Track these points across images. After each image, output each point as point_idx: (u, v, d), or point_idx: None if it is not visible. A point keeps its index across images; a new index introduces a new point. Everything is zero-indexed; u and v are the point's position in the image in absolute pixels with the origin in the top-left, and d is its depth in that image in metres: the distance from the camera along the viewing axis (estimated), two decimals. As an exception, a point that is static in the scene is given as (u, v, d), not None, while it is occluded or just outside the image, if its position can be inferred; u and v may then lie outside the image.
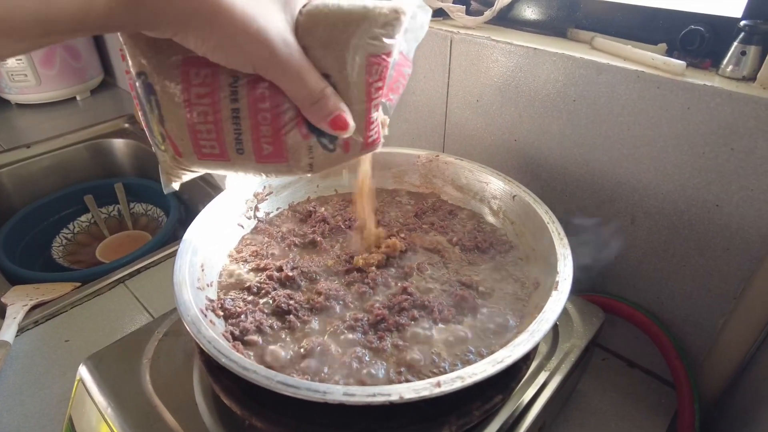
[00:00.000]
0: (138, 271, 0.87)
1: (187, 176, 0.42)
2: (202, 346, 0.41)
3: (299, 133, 0.37)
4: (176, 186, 0.43)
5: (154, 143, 0.40)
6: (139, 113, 0.39)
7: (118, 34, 0.35)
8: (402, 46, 0.37)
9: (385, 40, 0.34)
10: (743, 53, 0.54)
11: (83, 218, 1.20)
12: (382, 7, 0.34)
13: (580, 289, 0.71)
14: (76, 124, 1.33)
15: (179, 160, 0.39)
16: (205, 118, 0.36)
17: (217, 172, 0.40)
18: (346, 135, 0.37)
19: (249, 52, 0.32)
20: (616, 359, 0.72)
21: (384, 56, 0.35)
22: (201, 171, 0.41)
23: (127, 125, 1.36)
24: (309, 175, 0.41)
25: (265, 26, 0.31)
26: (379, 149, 0.41)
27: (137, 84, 0.36)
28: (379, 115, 0.39)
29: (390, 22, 0.34)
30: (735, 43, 0.55)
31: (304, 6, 0.35)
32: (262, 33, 0.31)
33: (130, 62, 0.36)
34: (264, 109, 0.35)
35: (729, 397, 0.64)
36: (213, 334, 0.42)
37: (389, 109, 0.41)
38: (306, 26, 0.34)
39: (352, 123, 0.36)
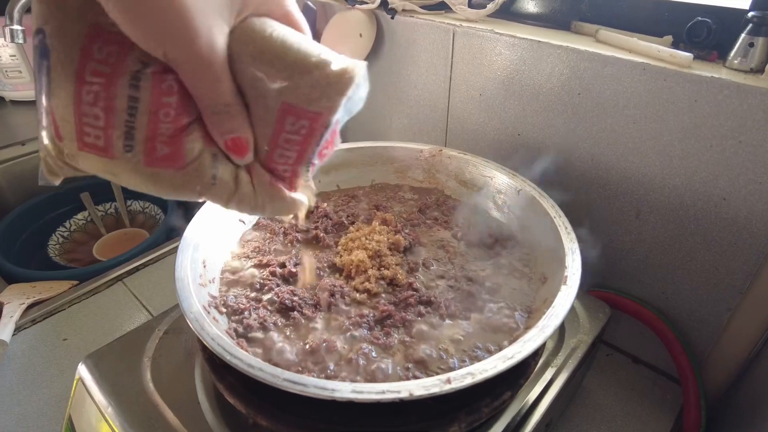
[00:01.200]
0: (136, 269, 0.85)
1: (67, 171, 0.35)
2: (206, 343, 0.40)
3: (202, 135, 0.31)
4: (56, 182, 0.36)
5: (39, 119, 0.33)
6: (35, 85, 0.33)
7: None
8: (340, 113, 0.32)
9: (325, 100, 0.30)
10: (751, 45, 0.53)
11: (80, 216, 1.19)
12: (334, 62, 0.30)
13: (585, 285, 0.71)
14: (71, 121, 1.31)
15: (58, 145, 0.32)
16: (96, 101, 0.30)
17: (95, 172, 0.33)
18: (242, 162, 0.33)
19: (167, 33, 0.27)
20: (621, 355, 0.72)
21: (316, 114, 0.31)
22: (80, 167, 0.34)
23: (123, 122, 1.34)
24: (204, 199, 0.34)
25: (196, 12, 0.27)
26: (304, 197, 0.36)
27: (34, 43, 0.30)
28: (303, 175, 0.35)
29: (339, 82, 0.30)
30: (743, 35, 0.54)
31: (249, 16, 0.31)
32: (189, 16, 0.27)
33: (33, 14, 0.30)
34: (168, 104, 0.30)
35: (735, 392, 0.63)
36: (217, 331, 0.41)
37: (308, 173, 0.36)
38: (242, 38, 0.30)
39: (250, 153, 0.32)
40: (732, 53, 0.55)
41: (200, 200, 0.34)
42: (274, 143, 0.32)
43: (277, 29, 0.30)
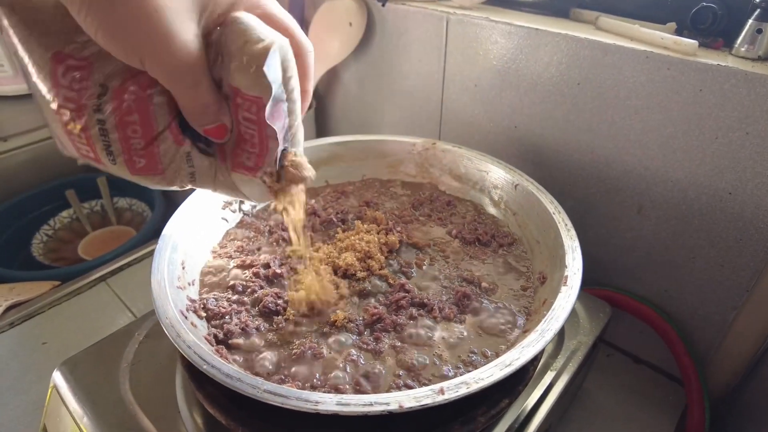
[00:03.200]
0: (120, 269, 0.82)
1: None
2: (181, 351, 0.37)
3: (173, 139, 0.34)
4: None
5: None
6: None
7: None
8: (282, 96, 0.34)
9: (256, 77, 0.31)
10: (759, 31, 0.51)
11: (64, 214, 1.15)
12: (260, 39, 0.31)
13: (584, 282, 0.69)
14: (56, 116, 1.28)
15: (64, 150, 0.35)
16: (74, 123, 0.32)
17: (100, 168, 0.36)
18: (220, 142, 0.35)
19: (142, 44, 0.27)
20: (622, 355, 0.70)
21: (256, 97, 0.32)
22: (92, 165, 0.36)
23: (109, 117, 1.31)
24: (194, 188, 0.37)
25: (168, 21, 0.27)
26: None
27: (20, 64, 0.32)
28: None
29: (258, 54, 0.31)
30: (750, 21, 0.51)
31: (225, 14, 0.31)
32: (162, 26, 0.27)
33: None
34: (133, 121, 0.32)
35: (740, 392, 0.61)
36: (193, 338, 0.38)
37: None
38: (222, 37, 0.31)
39: (227, 136, 0.34)
40: (739, 40, 0.52)
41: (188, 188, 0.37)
42: (237, 124, 0.34)
43: (245, 19, 0.31)
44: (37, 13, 0.30)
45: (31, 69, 0.31)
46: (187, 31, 0.28)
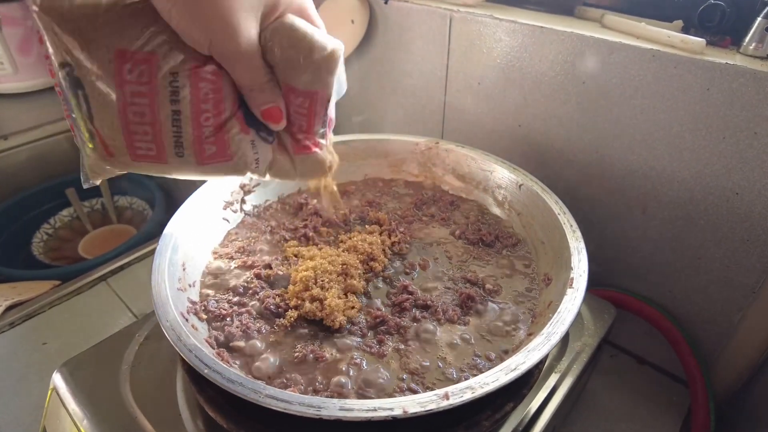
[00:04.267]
0: (121, 268, 0.82)
1: (111, 172, 0.39)
2: (182, 354, 0.37)
3: (239, 128, 0.36)
4: (98, 181, 0.40)
5: (79, 139, 0.36)
6: (62, 105, 0.35)
7: (35, 16, 0.32)
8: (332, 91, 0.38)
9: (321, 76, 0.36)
10: (768, 29, 0.50)
11: (65, 212, 1.15)
12: (329, 45, 0.36)
13: (588, 283, 0.68)
14: (56, 115, 1.27)
15: (109, 160, 0.36)
16: (142, 118, 0.33)
17: (150, 173, 0.37)
18: (277, 128, 0.38)
19: (214, 27, 0.32)
20: (626, 356, 0.69)
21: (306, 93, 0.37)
22: (134, 171, 0.38)
23: (110, 115, 1.30)
24: (256, 175, 0.40)
25: (237, 14, 0.32)
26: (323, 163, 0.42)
27: (60, 74, 0.33)
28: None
29: (328, 58, 0.36)
30: (759, 19, 0.51)
31: (279, 16, 0.35)
32: (233, 17, 0.32)
33: (50, 50, 0.32)
34: (207, 109, 0.34)
35: (746, 394, 0.61)
36: (194, 341, 0.38)
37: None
38: (275, 32, 0.34)
39: (283, 120, 0.37)
40: (747, 39, 0.51)
41: (246, 175, 0.40)
42: (289, 115, 0.38)
43: (300, 25, 0.35)
44: (92, 18, 0.31)
45: (91, 75, 0.32)
46: (250, 26, 0.33)
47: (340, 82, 0.39)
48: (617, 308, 0.59)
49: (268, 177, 0.41)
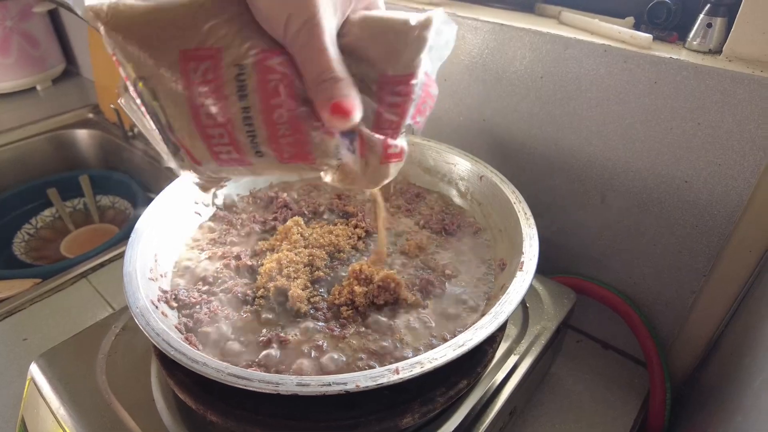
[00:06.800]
0: (101, 265, 0.83)
1: (216, 181, 0.38)
2: (150, 338, 0.38)
3: (322, 131, 0.33)
4: (211, 191, 0.40)
5: (168, 153, 0.35)
6: (144, 125, 0.34)
7: (104, 39, 0.31)
8: (427, 65, 0.34)
9: (408, 59, 0.33)
10: (709, 26, 0.53)
11: (47, 212, 1.16)
12: (413, 19, 0.33)
13: (551, 271, 0.71)
14: (36, 115, 1.28)
15: (200, 169, 0.35)
16: (214, 120, 0.32)
17: (242, 176, 0.36)
18: (347, 124, 0.33)
19: (293, 6, 0.30)
20: (591, 341, 0.72)
21: (404, 77, 0.33)
22: (232, 176, 0.37)
23: (91, 115, 1.31)
24: (341, 185, 0.38)
25: (325, 5, 0.30)
26: (399, 166, 0.38)
27: (138, 90, 0.32)
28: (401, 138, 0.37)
29: (419, 36, 0.32)
30: (701, 16, 0.53)
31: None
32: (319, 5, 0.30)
33: (125, 67, 0.32)
34: (278, 105, 0.31)
35: (700, 374, 0.64)
36: (162, 326, 0.39)
37: (416, 132, 0.39)
38: (356, 26, 0.33)
39: (356, 113, 0.32)
40: (691, 34, 0.54)
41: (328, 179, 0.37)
42: (379, 112, 0.34)
43: (378, 14, 0.34)
44: (153, 24, 0.31)
45: (160, 84, 0.31)
46: (331, 19, 0.31)
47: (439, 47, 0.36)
48: (580, 295, 0.61)
49: (329, 179, 0.38)
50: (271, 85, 0.31)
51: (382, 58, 0.33)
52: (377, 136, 0.35)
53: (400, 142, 0.36)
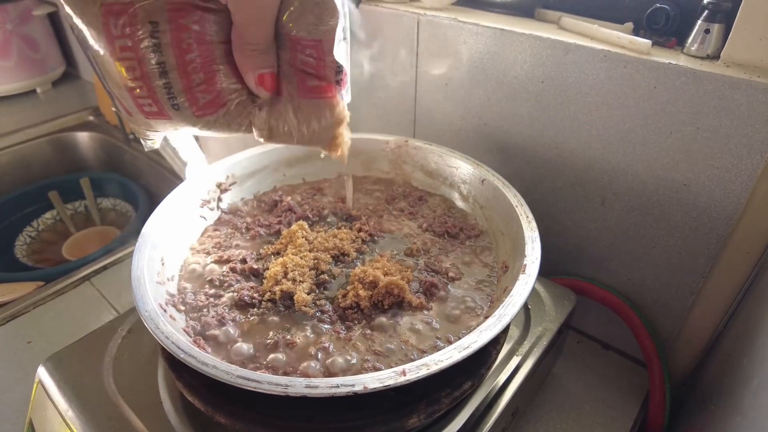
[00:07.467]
0: (104, 268, 0.84)
1: (157, 133, 0.39)
2: (159, 341, 0.39)
3: (235, 79, 0.36)
4: (155, 144, 0.41)
5: (113, 103, 0.37)
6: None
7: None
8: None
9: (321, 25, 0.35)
10: (707, 31, 0.54)
11: (48, 215, 1.16)
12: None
13: (552, 273, 0.72)
14: (37, 118, 1.28)
15: (133, 119, 0.36)
16: (134, 74, 0.33)
17: (169, 132, 0.38)
18: (266, 95, 0.37)
19: None
20: (591, 342, 0.73)
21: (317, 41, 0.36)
22: (160, 130, 0.38)
23: (91, 118, 1.32)
24: (256, 133, 0.39)
25: None
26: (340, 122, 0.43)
27: (77, 38, 0.34)
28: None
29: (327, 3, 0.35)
30: (699, 21, 0.54)
31: None
32: None
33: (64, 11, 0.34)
34: (192, 57, 0.33)
35: (699, 374, 0.65)
36: (171, 329, 0.40)
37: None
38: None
39: (275, 87, 0.36)
40: (689, 40, 0.55)
41: (250, 133, 0.39)
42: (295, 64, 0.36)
43: None
44: None
45: (88, 34, 0.32)
46: None
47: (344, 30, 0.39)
48: (580, 296, 0.62)
49: (258, 137, 0.39)
50: (185, 37, 0.33)
51: (301, 18, 0.35)
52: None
53: (323, 82, 0.38)
